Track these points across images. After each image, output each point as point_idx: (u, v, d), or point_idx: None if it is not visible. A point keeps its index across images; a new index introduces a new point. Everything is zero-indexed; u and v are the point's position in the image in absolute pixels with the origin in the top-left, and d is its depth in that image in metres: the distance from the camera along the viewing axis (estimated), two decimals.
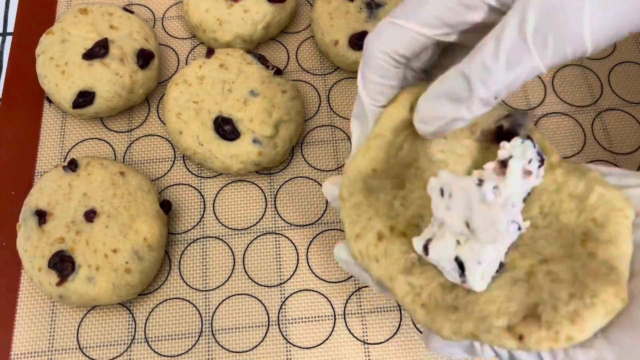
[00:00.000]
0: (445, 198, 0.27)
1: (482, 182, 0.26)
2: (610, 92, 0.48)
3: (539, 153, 0.28)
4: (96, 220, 0.40)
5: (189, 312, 0.41)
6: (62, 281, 0.38)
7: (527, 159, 0.27)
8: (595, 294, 0.23)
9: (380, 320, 0.41)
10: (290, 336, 0.40)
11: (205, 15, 0.48)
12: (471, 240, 0.26)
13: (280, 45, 0.51)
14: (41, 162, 0.46)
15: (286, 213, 0.44)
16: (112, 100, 0.45)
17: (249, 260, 0.43)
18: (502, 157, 0.27)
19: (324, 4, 0.48)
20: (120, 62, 0.45)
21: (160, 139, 0.47)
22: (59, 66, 0.45)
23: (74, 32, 0.46)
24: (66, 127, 0.47)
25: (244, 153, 0.43)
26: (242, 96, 0.44)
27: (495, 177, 0.26)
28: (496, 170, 0.27)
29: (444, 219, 0.27)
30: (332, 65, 0.50)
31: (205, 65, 0.45)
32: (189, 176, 0.46)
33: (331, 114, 0.48)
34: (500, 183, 0.26)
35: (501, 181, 0.26)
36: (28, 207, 0.41)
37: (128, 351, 0.40)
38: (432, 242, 0.27)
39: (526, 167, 0.27)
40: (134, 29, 0.47)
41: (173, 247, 0.43)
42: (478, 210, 0.26)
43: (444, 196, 0.27)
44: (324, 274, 0.42)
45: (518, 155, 0.27)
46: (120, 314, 0.41)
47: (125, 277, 0.39)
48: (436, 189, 0.28)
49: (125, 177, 0.42)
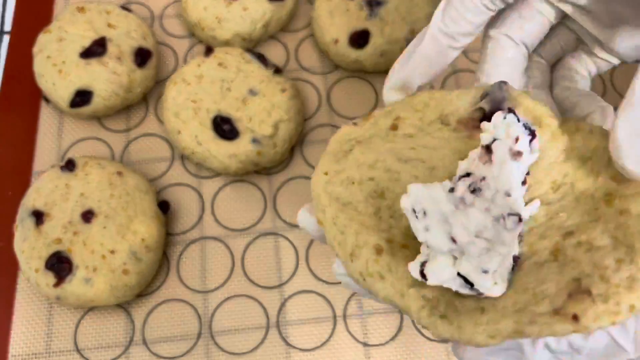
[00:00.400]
0: (420, 218, 0.24)
1: (454, 188, 0.23)
2: (612, 92, 0.48)
3: (526, 126, 0.24)
4: (94, 221, 0.39)
5: (188, 313, 0.41)
6: (59, 282, 0.38)
7: (513, 138, 0.24)
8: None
9: (381, 322, 0.40)
10: (290, 338, 0.40)
11: (204, 13, 0.48)
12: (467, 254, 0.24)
13: (280, 43, 0.51)
14: (38, 162, 0.46)
15: (286, 213, 0.44)
16: (110, 100, 0.45)
17: (248, 261, 0.42)
18: (485, 141, 0.24)
19: (324, 2, 0.48)
20: (117, 60, 0.45)
21: (159, 139, 0.47)
22: (56, 65, 0.44)
23: (71, 30, 0.46)
24: (63, 126, 0.47)
25: (242, 153, 0.42)
26: (241, 95, 0.44)
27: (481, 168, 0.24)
28: (482, 158, 0.24)
29: (427, 241, 0.24)
30: (332, 64, 0.49)
31: (204, 64, 0.45)
32: (187, 176, 0.45)
33: (331, 113, 0.48)
34: (488, 173, 0.23)
35: (488, 170, 0.23)
36: (25, 207, 0.41)
37: (126, 353, 0.40)
38: (426, 266, 0.24)
39: (513, 147, 0.24)
40: (131, 27, 0.47)
41: (171, 248, 0.43)
42: (456, 223, 0.23)
43: (418, 216, 0.24)
44: (324, 275, 0.42)
45: (502, 135, 0.24)
46: (118, 316, 0.41)
47: (123, 278, 0.39)
48: (409, 209, 0.24)
49: (123, 177, 0.41)
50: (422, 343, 0.40)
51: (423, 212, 0.24)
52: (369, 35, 0.46)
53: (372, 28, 0.46)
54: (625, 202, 0.23)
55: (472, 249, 0.23)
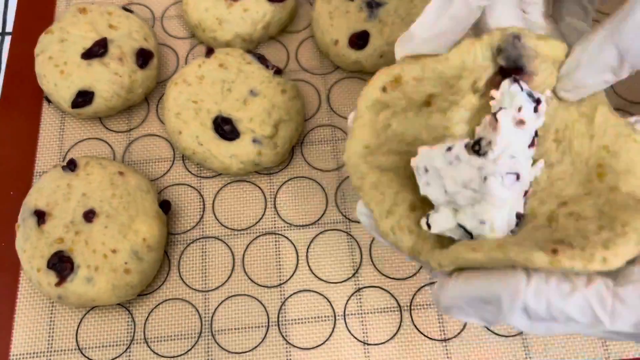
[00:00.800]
0: (422, 174, 0.27)
1: (451, 148, 0.26)
2: (611, 92, 0.48)
3: (529, 94, 0.26)
4: (95, 221, 0.40)
5: (189, 312, 0.41)
6: (61, 282, 0.38)
7: (517, 107, 0.26)
8: (625, 222, 0.23)
9: (381, 321, 0.41)
10: (290, 337, 0.40)
11: (204, 14, 0.48)
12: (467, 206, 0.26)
13: (280, 44, 0.51)
14: (40, 162, 0.46)
15: (286, 213, 0.44)
16: (111, 100, 0.45)
17: (249, 260, 0.43)
18: (494, 109, 0.26)
19: (324, 3, 0.48)
20: (119, 61, 0.45)
21: (160, 139, 0.47)
22: (57, 66, 0.45)
23: (73, 31, 0.46)
24: (65, 126, 0.47)
25: (243, 153, 0.43)
26: (242, 96, 0.44)
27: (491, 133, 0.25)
28: (492, 124, 0.25)
29: (428, 195, 0.27)
30: (332, 65, 0.50)
31: (205, 65, 0.45)
32: (188, 176, 0.45)
33: (331, 113, 0.48)
34: (493, 137, 0.25)
35: (494, 135, 0.25)
36: (27, 207, 0.41)
37: (127, 352, 0.40)
38: (430, 216, 0.27)
39: (517, 116, 0.25)
40: (133, 28, 0.47)
41: (172, 248, 0.43)
42: (446, 176, 0.26)
43: (420, 173, 0.27)
44: (324, 275, 0.42)
45: (507, 104, 0.26)
46: (120, 315, 0.41)
47: (125, 278, 0.39)
48: (417, 167, 0.27)
49: (124, 177, 0.42)
50: (422, 342, 0.40)
51: (424, 169, 0.27)
52: (368, 36, 0.46)
53: (371, 29, 0.47)
54: (615, 179, 0.25)
55: (460, 198, 0.26)
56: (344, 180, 0.45)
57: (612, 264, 0.22)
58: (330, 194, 0.45)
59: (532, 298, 0.23)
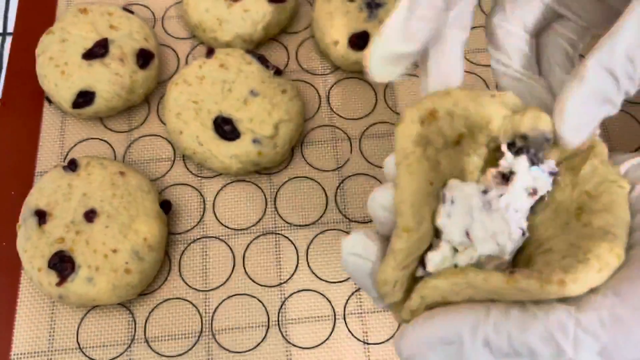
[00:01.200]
0: (447, 204, 0.26)
1: (487, 191, 0.25)
2: None
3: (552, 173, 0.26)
4: (96, 221, 0.40)
5: (189, 312, 0.41)
6: (62, 281, 0.38)
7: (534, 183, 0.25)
8: (588, 250, 0.22)
9: (381, 321, 0.41)
10: (290, 336, 0.40)
11: (205, 15, 0.48)
12: (470, 249, 0.25)
13: (280, 45, 0.51)
14: (41, 162, 0.46)
15: (286, 213, 0.44)
16: (112, 100, 0.45)
17: (249, 260, 0.43)
18: (503, 169, 0.25)
19: (324, 3, 0.48)
20: (120, 62, 0.45)
21: (160, 139, 0.47)
22: (58, 66, 0.45)
23: (74, 31, 0.46)
24: (66, 127, 0.47)
25: (243, 153, 0.43)
26: (242, 96, 0.44)
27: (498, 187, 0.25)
28: (497, 180, 0.25)
29: (442, 226, 0.25)
30: (332, 65, 0.50)
31: (205, 65, 0.45)
32: (188, 176, 0.46)
33: (331, 114, 0.48)
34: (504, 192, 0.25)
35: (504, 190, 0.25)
36: (28, 207, 0.41)
37: (128, 351, 0.40)
38: (429, 253, 0.25)
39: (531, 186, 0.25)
40: (133, 28, 0.47)
41: (173, 247, 0.43)
42: (478, 219, 0.25)
43: (445, 203, 0.26)
44: (324, 274, 0.42)
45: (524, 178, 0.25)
46: (120, 314, 0.41)
47: (125, 278, 0.39)
48: (444, 195, 0.26)
49: (125, 177, 0.42)
50: None
51: (451, 200, 0.26)
52: (368, 36, 0.47)
53: (371, 30, 0.47)
54: (590, 217, 0.24)
55: (484, 247, 0.25)
56: (344, 180, 0.45)
57: (571, 289, 0.22)
58: (330, 194, 0.45)
59: (492, 332, 0.22)
